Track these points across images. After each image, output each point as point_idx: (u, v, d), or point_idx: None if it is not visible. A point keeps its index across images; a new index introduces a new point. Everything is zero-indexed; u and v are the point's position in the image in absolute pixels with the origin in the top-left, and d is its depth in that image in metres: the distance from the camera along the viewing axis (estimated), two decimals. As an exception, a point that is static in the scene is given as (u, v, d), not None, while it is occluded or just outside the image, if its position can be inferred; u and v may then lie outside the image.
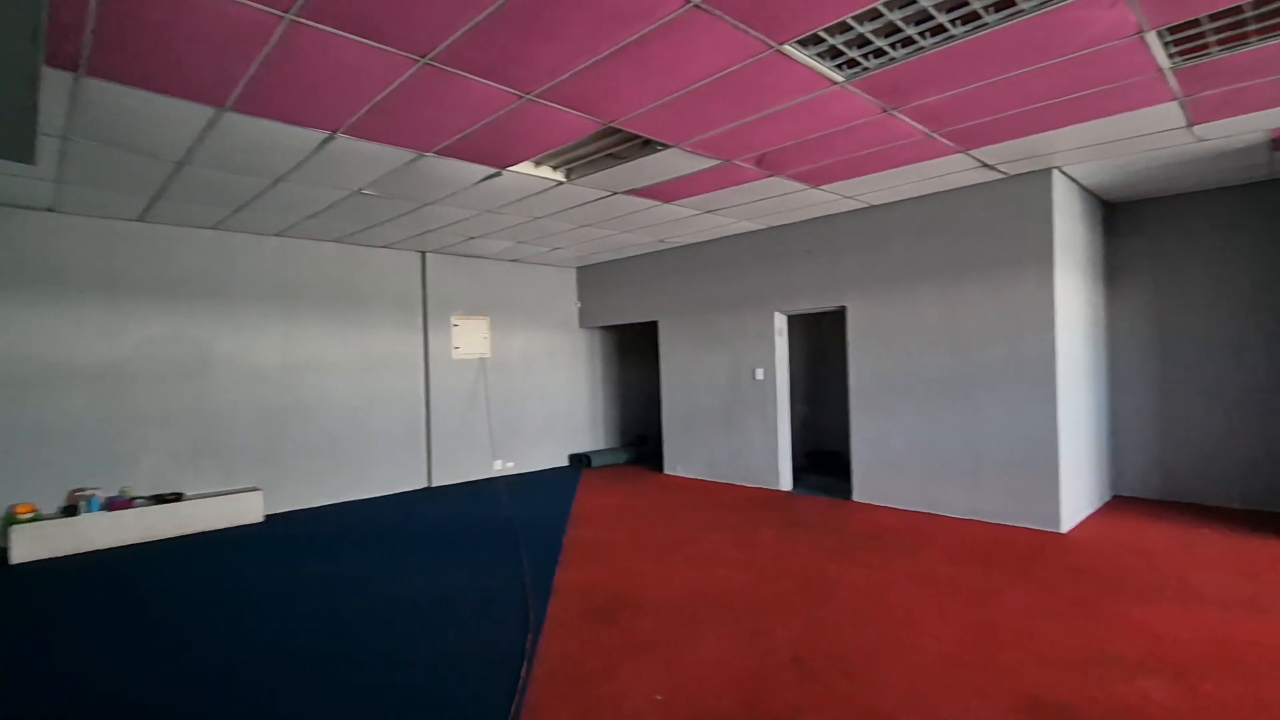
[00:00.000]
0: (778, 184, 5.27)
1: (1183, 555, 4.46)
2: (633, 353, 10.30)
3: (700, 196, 5.60)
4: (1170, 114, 3.89)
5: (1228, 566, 4.21)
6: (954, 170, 5.00)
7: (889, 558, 4.61)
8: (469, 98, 3.41)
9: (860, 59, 3.13)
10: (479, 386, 8.29)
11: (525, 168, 4.73)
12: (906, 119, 3.90)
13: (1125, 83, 3.43)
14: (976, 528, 5.27)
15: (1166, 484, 5.99)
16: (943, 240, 5.68)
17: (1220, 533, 4.94)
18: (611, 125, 3.85)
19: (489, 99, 3.43)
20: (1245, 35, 2.96)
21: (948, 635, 3.35)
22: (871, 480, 6.23)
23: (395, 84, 3.23)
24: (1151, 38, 2.95)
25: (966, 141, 4.35)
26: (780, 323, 7.09)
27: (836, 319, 7.61)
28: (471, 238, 7.04)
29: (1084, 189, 5.69)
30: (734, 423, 7.44)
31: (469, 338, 8.27)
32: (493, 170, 4.68)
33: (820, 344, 8.66)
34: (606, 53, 2.97)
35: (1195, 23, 2.84)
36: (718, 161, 4.63)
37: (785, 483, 7.05)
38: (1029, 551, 4.63)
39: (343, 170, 4.56)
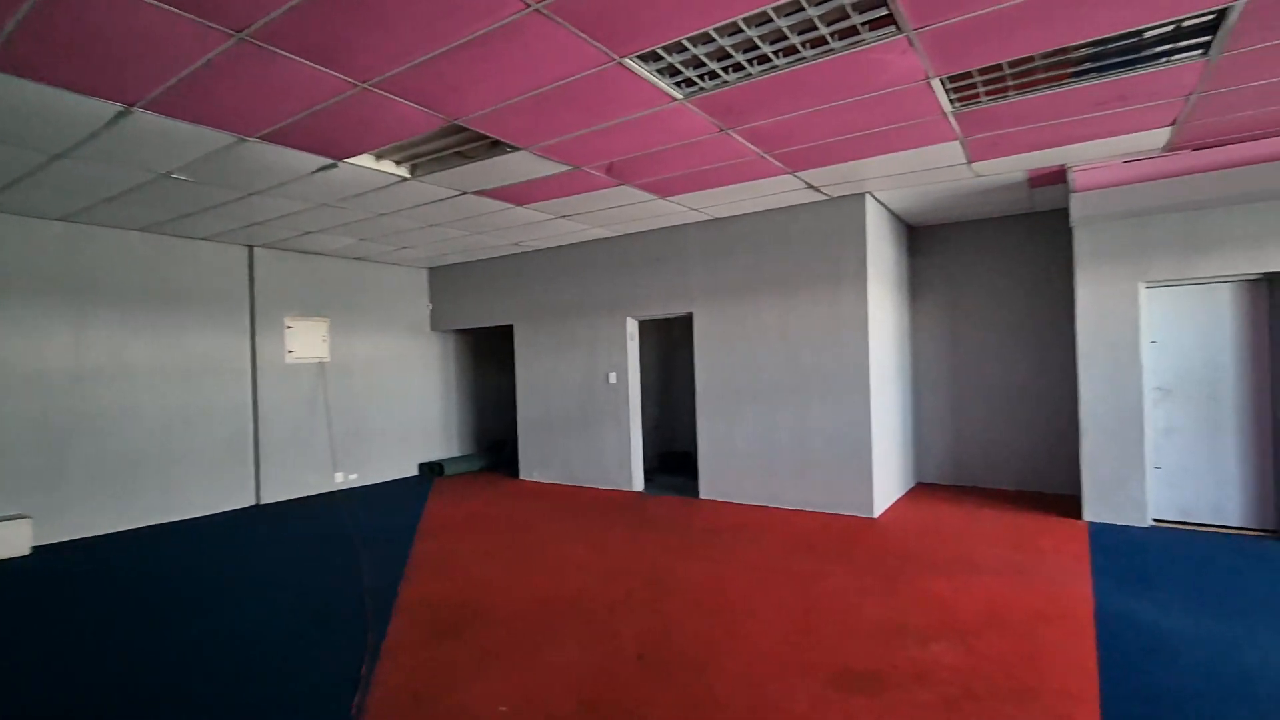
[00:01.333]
0: (627, 193, 5.42)
1: (968, 532, 5.17)
2: (488, 357, 10.07)
3: (552, 201, 5.62)
4: (954, 152, 4.53)
5: (1000, 540, 4.94)
6: (785, 190, 5.45)
7: (730, 551, 4.89)
8: (297, 81, 3.17)
9: (697, 79, 3.32)
10: (317, 393, 7.68)
11: (365, 161, 4.47)
12: (741, 139, 4.19)
13: (917, 121, 3.94)
14: (806, 518, 5.74)
15: (958, 471, 6.92)
16: (778, 254, 6.16)
17: (997, 511, 5.79)
18: (457, 123, 3.76)
19: (319, 84, 3.21)
20: (1005, 90, 3.53)
21: (778, 619, 3.63)
22: (716, 478, 6.58)
23: (207, 58, 2.92)
24: (936, 84, 3.42)
25: (794, 164, 4.76)
26: (632, 328, 7.29)
27: (686, 325, 7.96)
28: (307, 232, 6.52)
29: (892, 213, 6.44)
30: (589, 426, 7.52)
31: (305, 341, 7.64)
32: (328, 161, 4.38)
33: (672, 348, 9.00)
34: (446, 48, 2.90)
35: (969, 74, 3.34)
36: (568, 167, 4.68)
37: (638, 484, 7.24)
38: (847, 536, 5.13)
39: (145, 150, 4.04)
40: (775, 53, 3.07)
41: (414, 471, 8.82)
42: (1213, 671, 2.91)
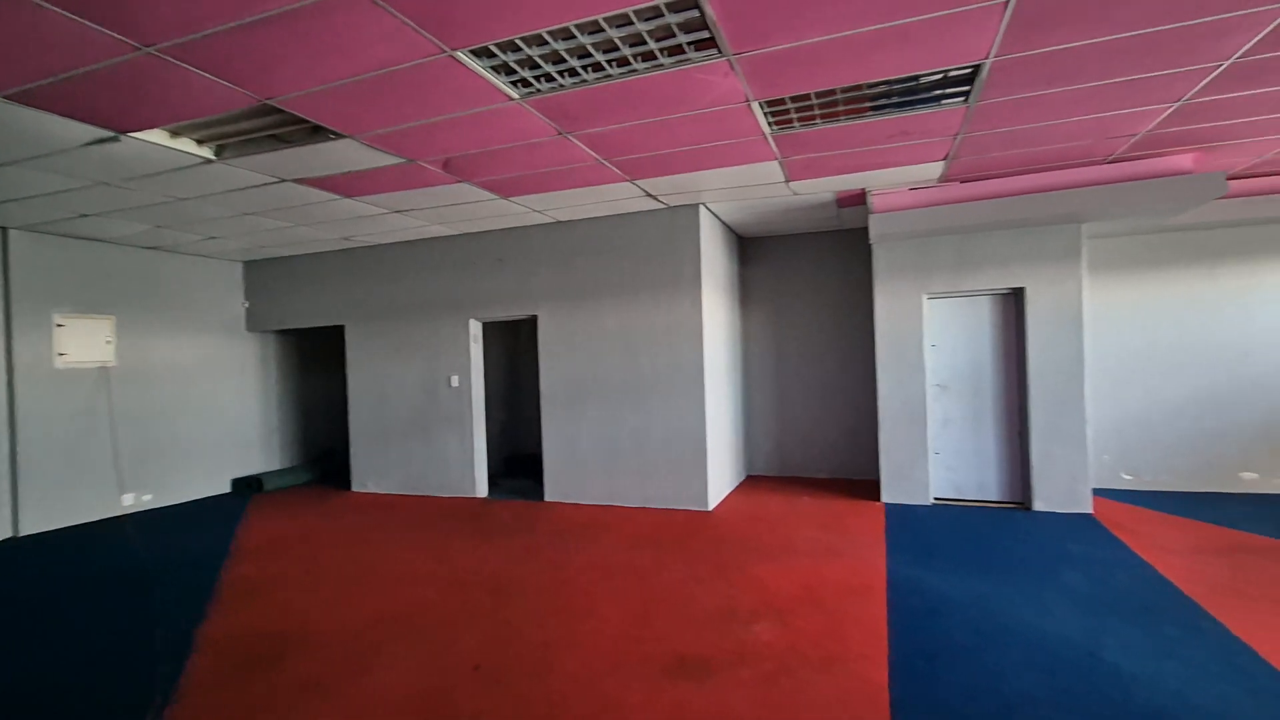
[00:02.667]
0: (468, 191, 5.28)
1: (789, 519, 5.65)
2: (316, 360, 9.27)
3: (386, 195, 5.31)
4: (774, 170, 4.94)
5: (817, 524, 5.45)
6: (626, 196, 5.61)
7: (573, 552, 4.93)
8: (56, 33, 2.71)
9: (533, 80, 3.32)
10: (99, 402, 6.60)
11: (157, 136, 3.93)
12: (580, 144, 4.25)
13: (742, 140, 4.25)
14: (647, 514, 5.94)
15: (783, 463, 7.54)
16: (621, 259, 6.32)
17: (814, 498, 6.39)
18: (269, 103, 3.43)
19: (88, 41, 2.77)
20: (814, 117, 3.92)
21: (618, 616, 3.72)
22: (561, 480, 6.60)
23: (-73, -3, 2.41)
24: (756, 107, 3.71)
25: (633, 172, 4.92)
26: (476, 329, 7.10)
27: (532, 327, 7.90)
28: (84, 215, 5.59)
29: (725, 224, 6.88)
30: (430, 432, 7.19)
31: (82, 342, 6.54)
32: (107, 133, 3.79)
33: (519, 351, 8.89)
34: (251, 19, 2.64)
35: (783, 101, 3.66)
36: (401, 160, 4.45)
37: (482, 490, 7.06)
38: (685, 530, 5.39)
39: None
40: (609, 62, 3.16)
41: (227, 488, 7.87)
42: (978, 625, 3.43)
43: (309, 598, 4.18)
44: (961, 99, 3.68)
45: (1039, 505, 5.59)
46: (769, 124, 3.99)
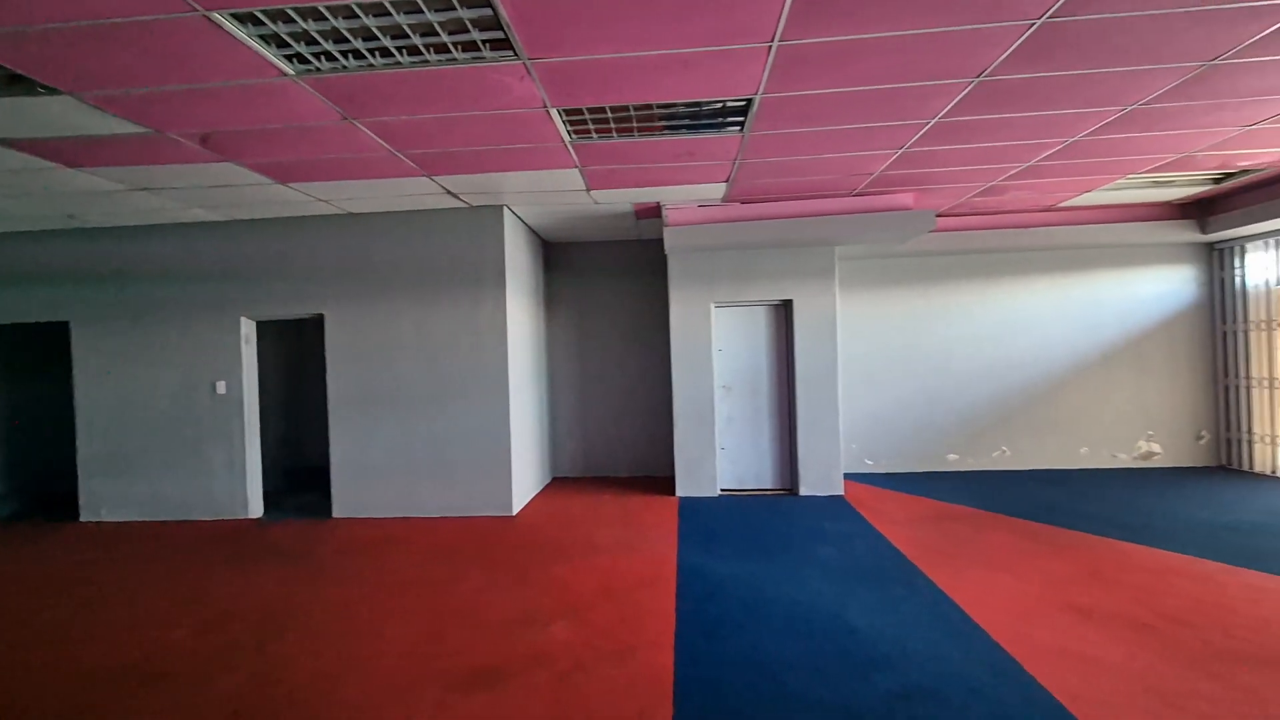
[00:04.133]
0: (236, 172, 4.67)
1: (591, 518, 5.80)
2: (30, 366, 7.53)
3: (126, 168, 4.51)
4: (575, 178, 5.07)
5: (617, 521, 5.67)
6: (424, 192, 5.36)
7: (362, 571, 4.57)
8: None
9: (311, 57, 3.05)
10: None
11: None
12: (369, 132, 3.98)
13: (542, 145, 4.30)
14: (448, 524, 5.72)
15: (587, 464, 7.73)
16: (419, 257, 6.02)
17: (616, 496, 6.64)
18: (-58, 39, 2.74)
19: None
20: (610, 130, 4.09)
21: (408, 633, 3.52)
22: (352, 493, 6.09)
23: None
24: (555, 114, 3.78)
25: (430, 167, 4.72)
26: (249, 329, 6.28)
27: (319, 327, 7.20)
28: None
29: (529, 227, 6.88)
30: (189, 447, 6.21)
31: None
32: None
33: (303, 353, 8.04)
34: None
35: (580, 111, 3.77)
36: (145, 130, 3.81)
37: (256, 509, 6.26)
38: (487, 537, 5.28)
39: None
40: (399, 49, 3.01)
41: (-124, 531, 6.06)
42: (750, 601, 3.81)
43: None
44: (738, 128, 4.09)
45: (804, 490, 6.37)
46: (568, 132, 4.08)
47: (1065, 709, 2.58)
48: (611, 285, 7.70)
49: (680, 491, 6.51)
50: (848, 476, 7.03)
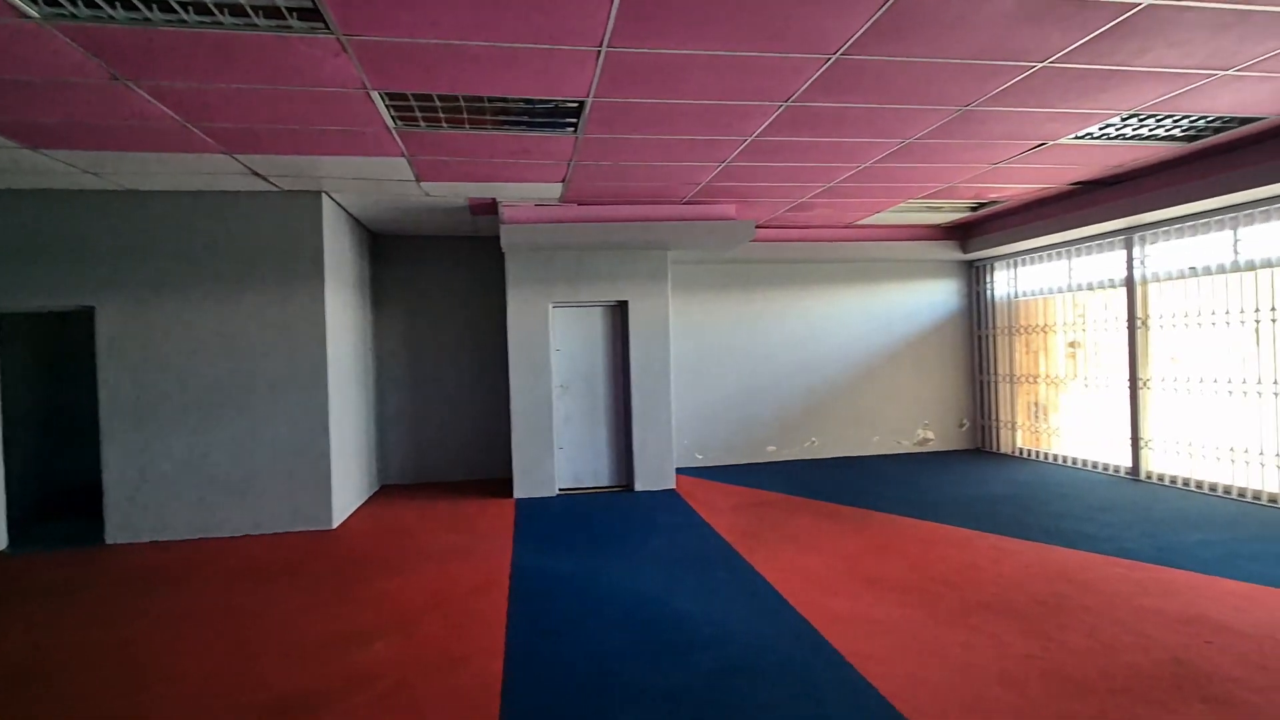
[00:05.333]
0: (-39, 130, 3.82)
1: (423, 526, 5.54)
2: None
3: None
4: (403, 168, 4.80)
5: (450, 527, 5.46)
6: (224, 171, 4.77)
7: (144, 604, 3.96)
8: None
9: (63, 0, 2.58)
10: None
11: None
12: (147, 96, 3.46)
13: (364, 130, 4.02)
14: (255, 543, 5.14)
15: (420, 469, 7.36)
16: (219, 243, 5.34)
17: (450, 502, 6.39)
18: None
19: None
20: (439, 120, 3.93)
21: (203, 669, 3.11)
22: (131, 515, 5.25)
23: None
24: (377, 97, 3.55)
25: (230, 144, 4.21)
26: (-18, 323, 5.17)
27: (89, 320, 6.10)
28: None
29: (353, 216, 6.40)
30: (-114, 470, 4.96)
31: None
32: None
33: (68, 353, 6.78)
34: None
35: (406, 96, 3.58)
36: None
37: (0, 540, 5.16)
38: (304, 553, 4.82)
39: None
40: (183, 5, 2.64)
41: None
42: (585, 597, 3.86)
43: None
44: (572, 129, 4.13)
45: (639, 486, 6.60)
46: (392, 118, 3.85)
47: (853, 666, 2.92)
48: (446, 282, 7.40)
49: (518, 493, 6.42)
50: (680, 471, 7.38)
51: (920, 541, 4.72)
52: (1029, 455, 7.87)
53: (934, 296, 8.43)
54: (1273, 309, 5.34)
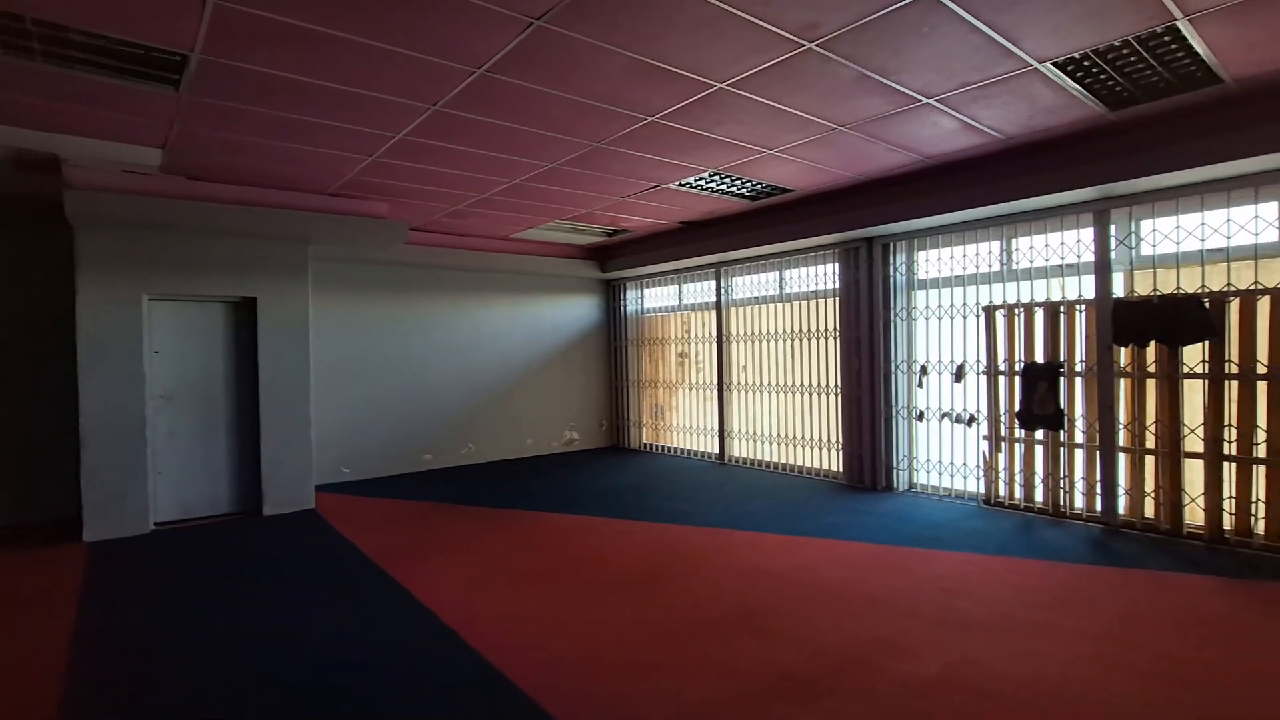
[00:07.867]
0: None
1: None
2: None
3: None
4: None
5: None
6: None
7: None
8: None
9: None
10: None
11: None
12: None
13: None
14: None
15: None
16: None
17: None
18: None
19: None
20: (-48, 36, 2.89)
21: None
22: None
23: None
24: None
25: None
26: None
27: None
28: None
29: None
30: None
31: None
32: None
33: None
34: None
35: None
36: None
37: None
38: None
39: None
40: None
41: None
42: (189, 649, 3.21)
43: None
44: (172, 86, 3.45)
45: (268, 510, 5.76)
46: None
47: (490, 662, 3.04)
48: (-32, 258, 5.41)
49: (90, 535, 5.01)
50: (323, 488, 6.69)
51: (560, 533, 5.15)
52: (652, 449, 9.24)
53: (579, 310, 9.31)
54: (802, 330, 7.31)
